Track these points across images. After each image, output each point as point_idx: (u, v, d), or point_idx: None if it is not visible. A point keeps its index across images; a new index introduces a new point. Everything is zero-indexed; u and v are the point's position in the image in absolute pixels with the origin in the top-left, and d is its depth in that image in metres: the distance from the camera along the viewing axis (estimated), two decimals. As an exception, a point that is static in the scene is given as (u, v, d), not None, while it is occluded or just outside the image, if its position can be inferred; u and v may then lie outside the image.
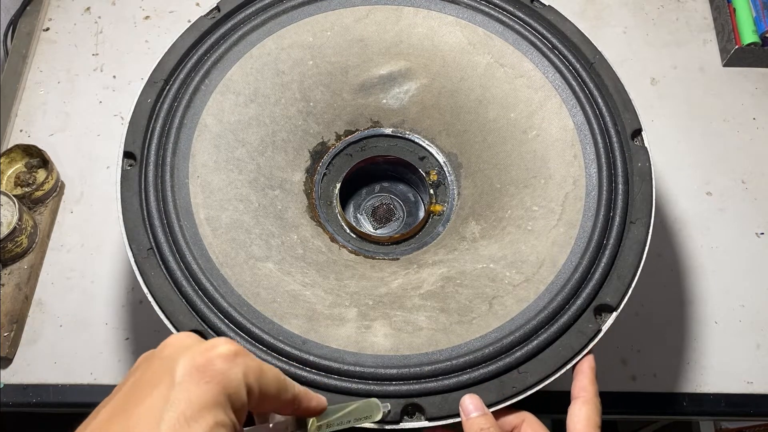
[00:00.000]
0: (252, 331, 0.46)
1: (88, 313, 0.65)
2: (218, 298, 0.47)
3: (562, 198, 0.54)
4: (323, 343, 0.47)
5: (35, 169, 0.70)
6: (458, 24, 0.61)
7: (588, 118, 0.55)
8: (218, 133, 0.55)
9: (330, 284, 0.52)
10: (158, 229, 0.49)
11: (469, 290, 0.51)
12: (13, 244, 0.64)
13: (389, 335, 0.48)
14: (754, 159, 0.74)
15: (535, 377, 0.45)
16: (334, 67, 0.61)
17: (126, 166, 0.52)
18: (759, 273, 0.68)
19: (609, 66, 0.57)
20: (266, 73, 0.59)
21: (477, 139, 0.60)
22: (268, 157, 0.58)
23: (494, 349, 0.46)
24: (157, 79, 0.55)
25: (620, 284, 0.49)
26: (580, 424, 0.41)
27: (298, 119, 0.60)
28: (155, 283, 0.47)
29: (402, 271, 0.55)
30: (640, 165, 0.53)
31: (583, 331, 0.47)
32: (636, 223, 0.51)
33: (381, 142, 0.64)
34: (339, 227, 0.61)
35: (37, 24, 0.81)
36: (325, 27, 0.60)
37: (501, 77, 0.59)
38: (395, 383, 0.45)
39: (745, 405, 0.63)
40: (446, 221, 0.61)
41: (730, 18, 0.78)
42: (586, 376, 0.44)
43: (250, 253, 0.51)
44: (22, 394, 0.62)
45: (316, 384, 0.44)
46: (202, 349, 0.30)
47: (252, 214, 0.54)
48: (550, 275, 0.50)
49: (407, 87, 0.62)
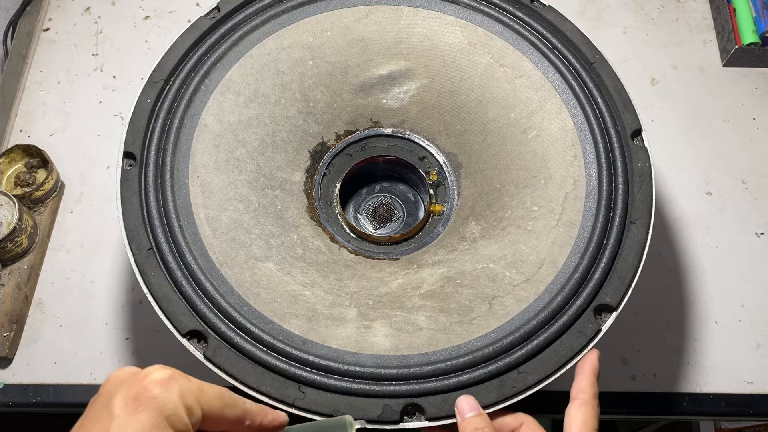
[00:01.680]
0: (252, 332, 0.46)
1: (88, 313, 0.65)
2: (218, 298, 0.47)
3: (562, 198, 0.54)
4: (323, 343, 0.47)
5: (35, 169, 0.70)
6: (458, 24, 0.61)
7: (588, 118, 0.55)
8: (218, 133, 0.55)
9: (330, 284, 0.52)
10: (158, 229, 0.49)
11: (469, 290, 0.51)
12: (13, 244, 0.63)
13: (389, 335, 0.48)
14: (754, 159, 0.74)
15: (535, 377, 0.45)
16: (334, 67, 0.61)
17: (126, 166, 0.52)
18: (759, 273, 0.68)
19: (609, 66, 0.57)
20: (266, 73, 0.59)
21: (477, 139, 0.60)
22: (268, 157, 0.58)
23: (494, 349, 0.46)
24: (157, 79, 0.55)
25: (620, 284, 0.49)
26: (575, 426, 0.41)
27: (298, 119, 0.60)
28: (155, 284, 0.47)
29: (402, 271, 0.55)
30: (640, 165, 0.53)
31: (583, 331, 0.47)
32: (636, 223, 0.51)
33: (381, 142, 0.64)
34: (339, 227, 0.61)
35: (37, 24, 0.81)
36: (325, 27, 0.60)
37: (501, 77, 0.59)
38: (395, 383, 0.45)
39: (745, 405, 0.63)
40: (446, 221, 0.61)
41: (730, 18, 0.78)
42: (586, 377, 0.44)
43: (250, 253, 0.51)
44: (22, 394, 0.62)
45: (316, 384, 0.44)
46: (137, 379, 0.31)
47: (252, 214, 0.54)
48: (550, 275, 0.50)
49: (407, 87, 0.62)
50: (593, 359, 0.45)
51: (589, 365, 0.44)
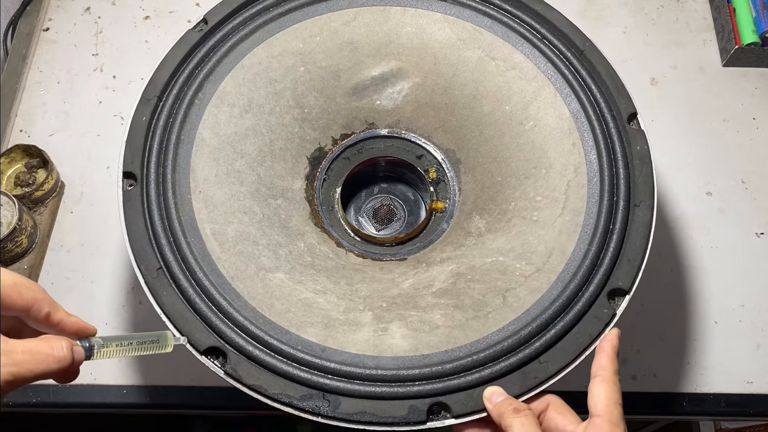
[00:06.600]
0: (270, 343, 0.46)
1: (88, 313, 0.65)
2: (233, 312, 0.47)
3: (565, 186, 0.54)
4: (342, 349, 0.46)
5: (35, 169, 0.70)
6: (446, 20, 0.61)
7: (583, 105, 0.56)
8: (216, 146, 0.55)
9: (342, 290, 0.52)
10: (165, 247, 0.48)
11: (481, 285, 0.51)
12: (13, 244, 0.63)
13: (407, 336, 0.48)
14: (754, 159, 0.74)
15: (556, 366, 0.46)
16: (325, 72, 0.61)
17: (127, 187, 0.51)
18: (759, 273, 0.68)
19: (599, 52, 0.57)
20: (259, 82, 0.58)
21: (474, 133, 0.61)
22: (268, 167, 0.57)
23: (513, 341, 0.46)
24: (150, 96, 0.54)
25: (630, 267, 0.49)
26: (600, 403, 0.41)
27: (294, 126, 0.60)
28: (168, 303, 0.47)
29: (411, 271, 0.55)
30: (639, 148, 0.53)
31: (599, 317, 0.47)
32: (640, 205, 0.51)
33: (377, 144, 0.64)
34: (343, 232, 0.61)
35: (37, 24, 0.81)
36: (313, 32, 0.60)
37: (493, 71, 0.60)
38: (418, 384, 0.45)
39: (745, 405, 0.63)
40: (450, 217, 0.61)
41: (730, 18, 0.78)
42: (606, 354, 0.44)
43: (260, 265, 0.51)
44: (22, 394, 0.61)
45: (340, 391, 0.44)
46: None
47: (257, 226, 0.54)
48: (560, 264, 0.50)
49: (400, 87, 0.62)
50: (612, 337, 0.45)
51: (608, 343, 0.45)
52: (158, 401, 0.62)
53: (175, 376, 0.62)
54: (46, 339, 0.35)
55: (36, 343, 0.35)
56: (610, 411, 0.41)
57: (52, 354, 0.35)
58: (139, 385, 0.62)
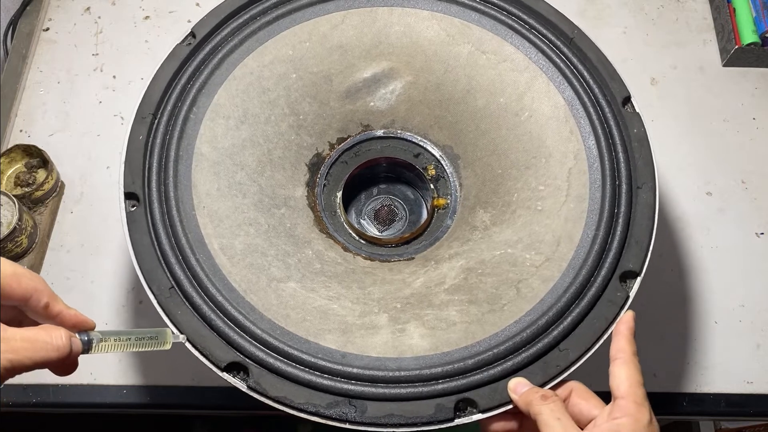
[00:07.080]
0: (291, 354, 0.45)
1: (88, 313, 0.63)
2: (250, 326, 0.46)
3: (566, 174, 0.55)
4: (363, 354, 0.46)
5: (35, 169, 0.69)
6: (434, 17, 0.61)
7: (577, 93, 0.56)
8: (215, 159, 0.54)
9: (355, 294, 0.52)
10: (175, 266, 0.48)
11: (493, 278, 0.52)
12: (13, 244, 0.63)
13: (425, 335, 0.48)
14: (754, 159, 0.74)
15: (577, 352, 0.46)
16: (317, 77, 0.60)
17: (130, 208, 0.50)
18: (759, 273, 0.68)
19: (589, 39, 0.58)
20: (252, 92, 0.58)
21: (470, 128, 0.61)
22: (268, 177, 0.57)
23: (531, 331, 0.47)
24: (144, 114, 0.53)
25: (639, 249, 0.50)
26: (623, 384, 0.42)
27: (291, 134, 0.60)
28: (183, 321, 0.46)
29: (421, 269, 0.55)
30: (636, 131, 0.54)
31: (613, 300, 0.48)
32: (642, 188, 0.52)
33: (374, 145, 0.64)
34: (348, 236, 0.61)
35: (37, 24, 0.80)
36: (302, 38, 0.60)
37: (484, 64, 0.60)
38: (442, 382, 0.45)
39: (745, 405, 0.63)
40: (453, 213, 0.61)
41: (730, 18, 0.78)
42: (623, 337, 0.45)
43: (271, 276, 0.51)
44: (22, 394, 0.61)
45: (366, 395, 0.44)
46: None
47: (264, 236, 0.53)
48: (569, 251, 0.51)
49: (393, 87, 0.62)
50: (628, 319, 0.46)
51: (624, 325, 0.45)
52: (158, 401, 0.62)
53: (175, 376, 0.62)
54: (45, 328, 0.35)
55: (35, 331, 0.35)
56: (634, 391, 0.41)
57: (51, 342, 0.35)
58: (139, 385, 0.62)
